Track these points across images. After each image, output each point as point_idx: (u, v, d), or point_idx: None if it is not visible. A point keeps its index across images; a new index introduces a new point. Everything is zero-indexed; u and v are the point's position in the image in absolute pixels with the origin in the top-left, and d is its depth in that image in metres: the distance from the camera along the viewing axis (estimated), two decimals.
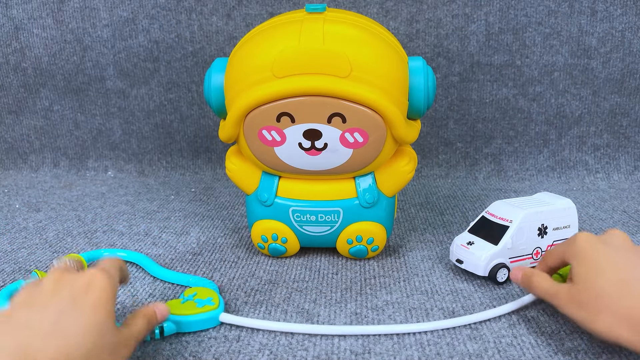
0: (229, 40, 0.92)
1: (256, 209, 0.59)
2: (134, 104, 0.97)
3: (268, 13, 0.91)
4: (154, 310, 0.42)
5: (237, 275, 0.57)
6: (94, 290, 0.36)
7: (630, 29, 0.88)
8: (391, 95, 0.51)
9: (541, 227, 0.55)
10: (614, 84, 0.91)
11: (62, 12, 0.93)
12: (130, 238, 0.68)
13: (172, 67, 0.94)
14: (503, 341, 0.44)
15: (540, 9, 0.88)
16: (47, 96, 0.97)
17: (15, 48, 0.95)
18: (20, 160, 1.00)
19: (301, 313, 0.49)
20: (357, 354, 0.43)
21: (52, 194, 0.87)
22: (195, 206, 0.80)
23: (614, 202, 0.81)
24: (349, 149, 0.52)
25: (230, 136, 0.54)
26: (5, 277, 0.57)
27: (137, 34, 0.93)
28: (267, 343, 0.45)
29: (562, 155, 0.94)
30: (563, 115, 0.93)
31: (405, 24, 0.90)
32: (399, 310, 0.49)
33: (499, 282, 0.54)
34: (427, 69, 0.54)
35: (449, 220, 0.73)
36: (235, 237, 0.68)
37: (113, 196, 0.86)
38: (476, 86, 0.92)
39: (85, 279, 0.37)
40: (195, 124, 0.97)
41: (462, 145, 0.95)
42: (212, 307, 0.47)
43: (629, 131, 0.93)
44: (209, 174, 0.97)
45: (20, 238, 0.68)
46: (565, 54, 0.90)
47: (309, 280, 0.56)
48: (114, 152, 0.99)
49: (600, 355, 0.42)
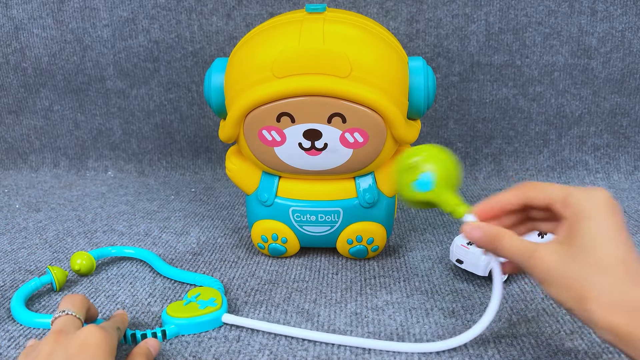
0: (229, 40, 0.92)
1: (256, 209, 0.59)
2: (134, 104, 0.97)
3: (268, 13, 0.91)
4: (148, 348, 0.42)
5: (237, 275, 0.57)
6: (89, 349, 0.36)
7: (630, 29, 0.88)
8: (391, 95, 0.51)
9: None
10: (614, 84, 0.91)
11: (62, 12, 0.93)
12: (130, 238, 0.68)
13: (172, 67, 0.94)
14: (503, 341, 0.44)
15: (540, 9, 0.88)
16: (47, 96, 0.97)
17: (16, 48, 0.95)
18: (20, 160, 1.00)
19: (301, 313, 0.49)
20: (358, 354, 0.43)
21: (52, 194, 0.87)
22: (195, 206, 0.80)
23: None
24: (349, 149, 0.52)
25: (230, 136, 0.54)
26: (5, 277, 0.57)
27: (137, 34, 0.93)
28: (267, 343, 0.45)
29: (562, 156, 0.94)
30: (563, 115, 0.93)
31: (405, 24, 0.90)
32: (399, 310, 0.49)
33: None
34: (427, 69, 0.54)
35: (449, 220, 0.73)
36: (236, 237, 0.68)
37: (113, 196, 0.86)
38: (476, 86, 0.92)
39: (80, 338, 0.37)
40: (195, 124, 0.97)
41: (462, 145, 0.95)
42: (214, 308, 0.47)
43: (629, 131, 0.93)
44: (209, 174, 0.97)
45: (20, 238, 0.68)
46: (565, 54, 0.90)
47: (309, 280, 0.56)
48: (114, 152, 0.99)
49: (600, 356, 0.42)
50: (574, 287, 0.34)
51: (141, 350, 0.41)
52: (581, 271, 0.34)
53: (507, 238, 0.38)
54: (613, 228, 0.35)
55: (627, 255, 0.34)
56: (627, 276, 0.33)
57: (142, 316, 0.49)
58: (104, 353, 0.37)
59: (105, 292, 0.54)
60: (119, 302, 0.52)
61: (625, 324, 0.32)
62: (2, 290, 0.54)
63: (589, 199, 0.36)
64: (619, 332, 0.33)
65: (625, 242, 0.34)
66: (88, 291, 0.54)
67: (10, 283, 0.56)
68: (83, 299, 0.43)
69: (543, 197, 0.38)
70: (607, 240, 0.35)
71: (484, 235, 0.39)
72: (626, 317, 0.32)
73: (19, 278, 0.57)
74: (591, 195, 0.36)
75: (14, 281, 0.56)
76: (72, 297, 0.42)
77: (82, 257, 0.56)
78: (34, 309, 0.50)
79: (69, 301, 0.42)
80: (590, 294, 0.34)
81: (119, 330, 0.42)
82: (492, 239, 0.39)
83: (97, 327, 0.38)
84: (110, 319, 0.44)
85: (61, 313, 0.40)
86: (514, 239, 0.38)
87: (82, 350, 0.36)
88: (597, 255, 0.34)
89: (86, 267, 0.56)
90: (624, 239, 0.35)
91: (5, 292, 0.54)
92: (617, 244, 0.34)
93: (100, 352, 0.37)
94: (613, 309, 0.33)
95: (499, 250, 0.38)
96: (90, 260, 0.56)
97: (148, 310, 0.50)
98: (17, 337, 0.46)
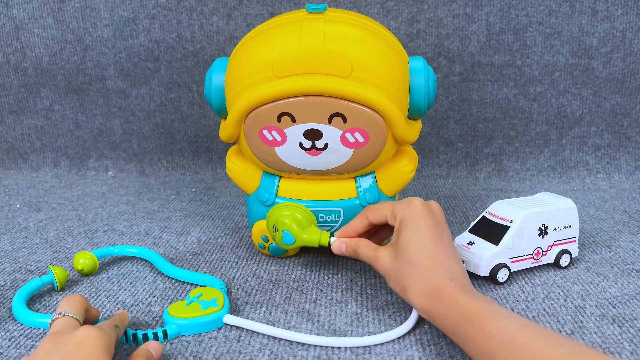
0: (230, 40, 0.92)
1: (257, 209, 0.59)
2: (135, 104, 0.97)
3: (269, 13, 0.91)
4: (148, 350, 0.41)
5: (238, 275, 0.57)
6: (85, 348, 0.37)
7: (631, 29, 0.88)
8: (392, 95, 0.51)
9: (542, 227, 0.55)
10: (614, 84, 0.91)
11: (62, 12, 0.93)
12: (131, 238, 0.68)
13: (173, 67, 0.94)
14: None
15: (541, 9, 0.88)
16: (47, 96, 0.97)
17: (16, 48, 0.95)
18: (21, 160, 1.00)
19: (302, 313, 0.49)
20: (358, 355, 0.43)
21: (52, 194, 0.87)
22: (195, 206, 0.80)
23: (615, 202, 0.81)
24: (350, 149, 0.52)
25: (230, 136, 0.54)
26: (5, 277, 0.57)
27: (138, 34, 0.93)
28: (267, 343, 0.45)
29: (563, 155, 0.94)
30: (564, 115, 0.93)
31: (406, 23, 0.90)
32: (399, 311, 0.49)
33: (499, 282, 0.54)
34: (427, 68, 0.54)
35: (449, 220, 0.73)
36: (236, 237, 0.68)
37: (113, 196, 0.86)
38: (477, 86, 0.92)
39: (76, 338, 0.37)
40: (195, 124, 0.97)
41: (462, 145, 0.95)
42: (216, 309, 0.47)
43: (630, 131, 0.93)
44: (209, 173, 0.97)
45: (21, 238, 0.68)
46: (566, 54, 0.90)
47: (310, 280, 0.56)
48: (114, 152, 0.99)
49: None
50: (399, 280, 0.45)
51: (142, 352, 0.41)
52: (401, 267, 0.45)
53: (361, 247, 0.50)
54: (422, 230, 0.45)
55: (433, 250, 0.44)
56: (431, 267, 0.43)
57: (142, 316, 0.49)
58: (100, 351, 0.37)
59: (105, 292, 0.54)
60: (120, 301, 0.52)
61: (429, 304, 0.42)
62: (3, 290, 0.54)
63: (406, 209, 0.47)
64: (427, 312, 0.42)
65: (432, 240, 0.44)
66: (89, 291, 0.54)
67: (10, 283, 0.56)
68: (81, 299, 0.43)
69: (379, 217, 0.50)
70: (416, 240, 0.45)
71: (347, 246, 0.51)
72: (429, 299, 0.42)
73: (20, 278, 0.57)
74: (408, 206, 0.47)
75: (15, 281, 0.56)
76: (70, 299, 0.42)
77: (84, 256, 0.56)
78: (35, 309, 0.50)
79: (67, 303, 0.42)
80: (407, 284, 0.44)
81: (117, 328, 0.42)
82: (353, 247, 0.50)
83: (93, 326, 0.38)
84: (109, 319, 0.44)
85: (59, 315, 0.40)
86: (364, 247, 0.49)
87: (78, 350, 0.36)
88: (410, 253, 0.44)
89: (89, 266, 0.56)
90: (431, 237, 0.44)
91: (6, 291, 0.54)
92: (424, 242, 0.44)
93: (97, 350, 0.37)
94: (421, 294, 0.43)
95: (358, 255, 0.50)
96: (93, 259, 0.56)
97: (149, 310, 0.50)
98: (17, 337, 0.46)
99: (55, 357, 0.36)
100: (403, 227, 0.46)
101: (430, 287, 0.42)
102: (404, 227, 0.46)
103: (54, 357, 0.36)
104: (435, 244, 0.44)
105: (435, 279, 0.42)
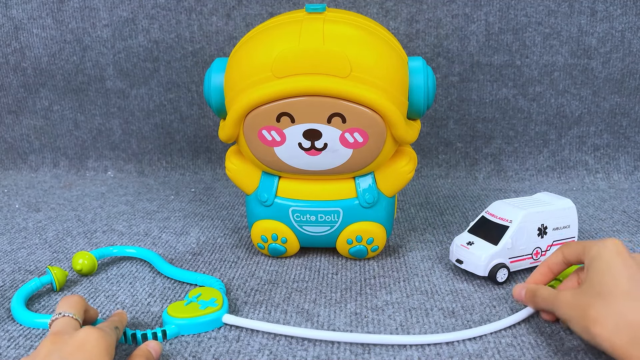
0: (229, 40, 0.92)
1: (256, 209, 0.59)
2: (134, 104, 0.97)
3: (268, 13, 0.91)
4: (148, 350, 0.41)
5: (237, 276, 0.57)
6: (86, 349, 0.37)
7: (630, 29, 0.88)
8: (391, 95, 0.51)
9: (541, 227, 0.55)
10: (613, 84, 0.91)
11: (61, 12, 0.93)
12: (130, 238, 0.68)
13: (172, 67, 0.94)
14: (503, 341, 0.44)
15: (540, 9, 0.88)
16: (46, 96, 0.97)
17: (15, 48, 0.95)
18: (20, 160, 1.00)
19: (301, 313, 0.49)
20: (357, 354, 0.43)
21: (51, 194, 0.87)
22: (195, 206, 0.80)
23: (614, 202, 0.81)
24: (349, 149, 0.52)
25: (230, 136, 0.54)
26: (5, 277, 0.57)
27: (137, 34, 0.93)
28: (267, 343, 0.45)
29: (562, 155, 0.94)
30: (563, 115, 0.93)
31: (405, 24, 0.90)
32: (399, 311, 0.49)
33: (498, 282, 0.54)
34: (427, 69, 0.54)
35: (449, 220, 0.73)
36: (235, 237, 0.68)
37: (113, 196, 0.86)
38: (476, 86, 0.92)
39: (77, 339, 0.37)
40: (195, 124, 0.97)
41: (462, 145, 0.95)
42: (215, 309, 0.47)
43: (629, 131, 0.93)
44: (208, 174, 0.97)
45: (20, 238, 0.68)
46: (565, 54, 0.90)
47: (309, 281, 0.56)
48: (113, 152, 0.99)
49: (600, 356, 0.42)
50: (584, 316, 0.39)
51: (141, 352, 0.41)
52: (589, 300, 0.39)
53: (541, 288, 0.46)
54: (618, 265, 0.39)
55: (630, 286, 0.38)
56: (628, 302, 0.37)
57: (141, 316, 0.49)
58: (101, 352, 0.37)
59: (105, 292, 0.54)
60: (119, 302, 0.52)
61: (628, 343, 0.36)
62: (2, 290, 0.54)
63: (600, 244, 0.42)
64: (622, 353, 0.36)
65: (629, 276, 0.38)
66: (88, 291, 0.54)
67: (10, 283, 0.56)
68: (80, 300, 0.43)
69: (574, 250, 0.45)
70: (611, 273, 0.39)
71: (527, 291, 0.47)
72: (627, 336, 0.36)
73: (19, 278, 0.57)
74: (603, 242, 0.42)
75: (14, 281, 0.56)
76: (69, 299, 0.42)
77: (83, 257, 0.56)
78: (34, 309, 0.50)
79: (66, 303, 0.42)
80: (595, 317, 0.37)
81: (117, 329, 0.42)
82: (533, 290, 0.46)
83: (94, 327, 0.38)
84: (108, 319, 0.44)
85: (58, 315, 0.40)
86: (545, 289, 0.45)
87: (79, 351, 0.36)
88: (602, 286, 0.39)
89: (88, 267, 0.56)
90: (627, 273, 0.39)
91: (5, 292, 0.54)
92: (620, 277, 0.39)
93: (97, 351, 0.37)
94: (613, 329, 0.36)
95: (536, 297, 0.46)
96: (92, 260, 0.56)
97: (148, 310, 0.50)
98: (17, 337, 0.46)
99: (56, 357, 0.36)
100: (595, 260, 0.41)
101: (625, 322, 0.36)
102: (596, 261, 0.41)
103: (55, 357, 0.36)
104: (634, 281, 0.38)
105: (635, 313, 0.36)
